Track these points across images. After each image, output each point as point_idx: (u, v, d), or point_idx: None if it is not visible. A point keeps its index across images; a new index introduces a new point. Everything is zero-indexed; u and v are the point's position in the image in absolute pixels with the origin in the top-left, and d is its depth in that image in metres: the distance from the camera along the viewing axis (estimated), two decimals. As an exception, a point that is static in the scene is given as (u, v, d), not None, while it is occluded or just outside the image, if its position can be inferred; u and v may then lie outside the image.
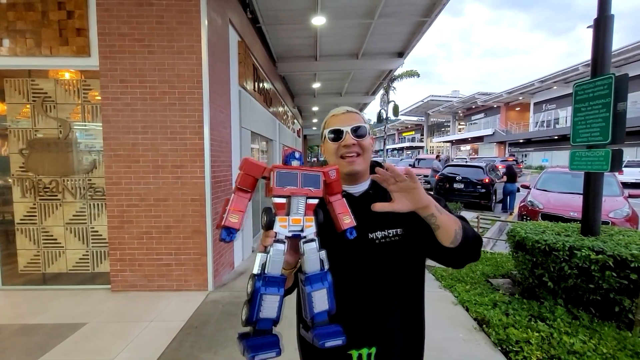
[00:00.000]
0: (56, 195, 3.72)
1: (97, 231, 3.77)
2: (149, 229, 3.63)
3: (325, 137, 0.98)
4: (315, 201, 0.67)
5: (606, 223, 4.80)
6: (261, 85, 6.35)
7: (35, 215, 3.73)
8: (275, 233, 0.64)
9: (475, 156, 33.16)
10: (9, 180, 3.71)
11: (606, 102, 2.87)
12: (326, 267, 0.68)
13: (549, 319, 2.72)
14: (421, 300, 1.01)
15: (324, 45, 7.23)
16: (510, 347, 2.44)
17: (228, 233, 0.62)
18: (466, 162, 14.11)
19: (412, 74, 19.28)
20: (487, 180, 9.72)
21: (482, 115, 39.61)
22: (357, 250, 0.91)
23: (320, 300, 0.65)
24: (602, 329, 2.57)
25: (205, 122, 3.57)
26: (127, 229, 3.62)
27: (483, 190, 9.71)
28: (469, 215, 7.10)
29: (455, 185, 10.18)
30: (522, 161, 29.64)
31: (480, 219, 5.63)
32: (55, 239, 3.76)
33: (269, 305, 0.61)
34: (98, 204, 3.74)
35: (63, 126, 3.67)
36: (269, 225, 0.64)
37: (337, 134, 0.94)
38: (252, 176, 0.65)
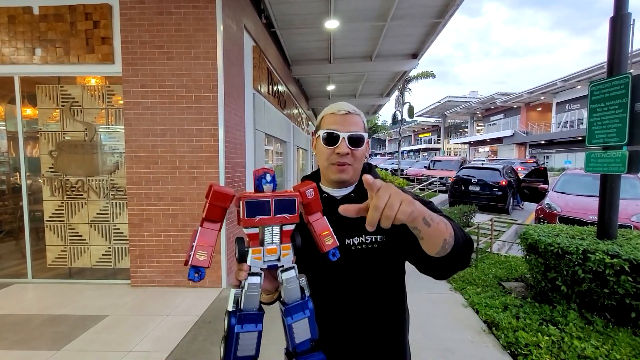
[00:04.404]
0: (82, 195, 3.94)
1: (118, 229, 3.97)
2: (166, 227, 3.80)
3: (319, 135, 0.92)
4: (292, 227, 0.63)
5: (628, 227, 4.62)
6: (275, 88, 6.49)
7: (62, 213, 3.96)
8: (249, 266, 0.60)
9: (494, 158, 32.33)
10: (40, 180, 3.97)
11: (623, 103, 2.80)
12: (307, 293, 0.65)
13: (560, 323, 2.68)
14: (402, 312, 0.95)
15: (338, 48, 7.30)
16: (519, 350, 2.42)
17: (196, 271, 0.57)
18: (483, 164, 13.80)
19: (427, 74, 19.10)
20: (503, 183, 9.51)
21: (501, 116, 38.61)
22: None
23: (302, 330, 0.62)
24: (616, 334, 2.51)
25: (220, 125, 3.71)
26: (146, 227, 3.80)
27: (500, 193, 9.50)
28: (484, 218, 6.97)
29: (471, 188, 10.00)
30: (544, 163, 28.68)
31: (495, 221, 5.54)
32: (81, 236, 3.98)
33: (246, 343, 0.58)
34: (120, 203, 3.94)
35: (89, 129, 3.90)
36: (241, 258, 0.61)
37: (332, 139, 0.88)
38: (220, 206, 0.59)
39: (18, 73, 3.84)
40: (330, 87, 10.71)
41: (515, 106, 35.42)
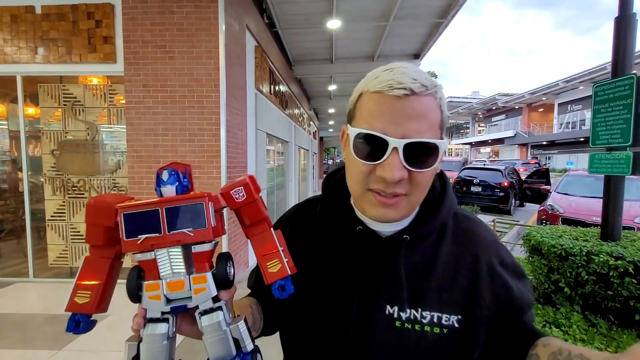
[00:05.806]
0: (83, 194, 3.94)
1: (120, 228, 3.96)
2: (168, 226, 3.78)
3: (349, 137, 0.49)
4: (207, 247, 0.41)
5: (632, 228, 4.60)
6: (277, 88, 6.48)
7: (64, 212, 3.96)
8: (144, 310, 0.41)
9: (496, 159, 32.28)
10: (41, 179, 3.96)
11: (627, 103, 2.78)
12: (246, 347, 0.42)
13: (564, 325, 2.66)
14: None
15: (340, 48, 7.30)
16: (522, 352, 2.40)
17: (75, 322, 0.39)
18: (485, 164, 13.79)
19: (429, 75, 19.09)
20: (505, 184, 9.48)
21: (503, 116, 38.56)
22: (362, 329, 0.51)
23: None
24: (620, 337, 2.49)
25: (222, 125, 3.70)
26: (147, 226, 3.79)
27: (502, 194, 9.46)
28: (486, 219, 6.95)
29: (473, 189, 9.97)
30: (546, 164, 28.62)
31: (497, 222, 5.52)
32: (82, 235, 3.98)
33: None
34: (121, 203, 3.93)
35: (90, 129, 3.90)
36: (132, 297, 0.41)
37: (374, 148, 0.46)
38: (102, 225, 0.41)
39: (20, 72, 3.84)
40: (332, 87, 10.70)
41: (516, 107, 35.39)
